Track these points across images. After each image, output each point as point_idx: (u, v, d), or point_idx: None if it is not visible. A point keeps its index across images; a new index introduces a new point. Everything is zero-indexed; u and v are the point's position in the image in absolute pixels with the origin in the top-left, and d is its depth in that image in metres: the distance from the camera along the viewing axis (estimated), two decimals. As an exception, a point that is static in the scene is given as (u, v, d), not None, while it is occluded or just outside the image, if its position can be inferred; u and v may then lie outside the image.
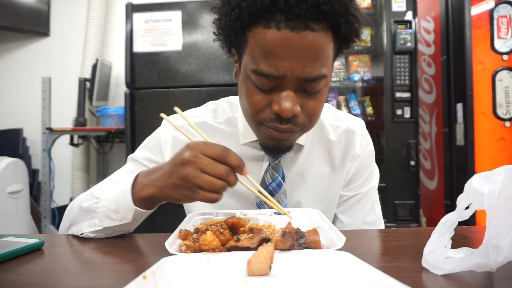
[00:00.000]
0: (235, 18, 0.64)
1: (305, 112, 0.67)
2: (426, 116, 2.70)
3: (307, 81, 0.63)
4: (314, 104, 0.67)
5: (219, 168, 0.54)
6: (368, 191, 0.87)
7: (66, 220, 0.75)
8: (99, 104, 2.87)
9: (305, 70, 0.62)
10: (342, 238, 0.52)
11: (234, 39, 0.69)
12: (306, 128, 0.71)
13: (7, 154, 2.18)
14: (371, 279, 0.40)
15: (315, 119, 0.70)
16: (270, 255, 0.45)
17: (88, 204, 0.70)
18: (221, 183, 0.55)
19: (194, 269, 0.45)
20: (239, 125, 0.83)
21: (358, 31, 0.67)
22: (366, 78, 2.60)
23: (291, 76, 0.62)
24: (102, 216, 0.67)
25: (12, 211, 2.03)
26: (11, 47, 3.31)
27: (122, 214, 0.65)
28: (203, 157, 0.55)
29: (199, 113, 0.87)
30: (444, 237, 0.47)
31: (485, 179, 0.45)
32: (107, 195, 0.68)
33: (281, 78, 0.63)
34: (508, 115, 2.17)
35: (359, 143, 0.85)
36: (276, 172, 0.79)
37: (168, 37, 2.46)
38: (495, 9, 2.19)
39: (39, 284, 0.46)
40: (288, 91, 0.64)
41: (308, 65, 0.62)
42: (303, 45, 0.60)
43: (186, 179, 0.55)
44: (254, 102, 0.67)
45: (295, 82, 0.63)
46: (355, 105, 2.61)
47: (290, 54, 0.61)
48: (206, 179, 0.54)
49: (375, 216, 0.87)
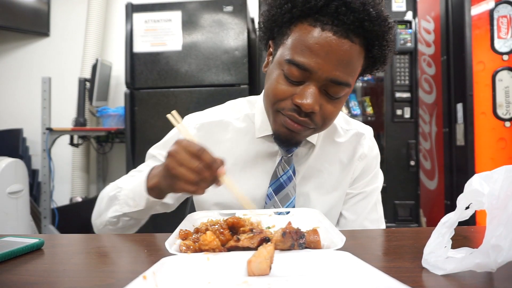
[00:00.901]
0: (286, 11, 0.70)
1: (321, 113, 0.72)
2: (426, 116, 2.70)
3: (333, 83, 0.69)
4: (331, 109, 0.73)
5: (193, 163, 0.60)
6: (372, 191, 0.91)
7: (97, 210, 0.85)
8: (99, 104, 2.87)
9: (335, 72, 0.68)
10: (342, 238, 0.52)
11: (277, 30, 0.75)
12: (318, 128, 0.76)
13: (7, 154, 2.17)
14: (371, 279, 0.40)
15: (328, 122, 0.76)
16: (270, 255, 0.45)
17: (113, 193, 0.81)
18: (195, 176, 0.61)
19: (194, 269, 0.45)
20: (256, 120, 0.87)
21: (386, 57, 0.74)
22: (366, 78, 2.60)
23: (321, 74, 0.68)
24: (122, 203, 0.77)
25: (12, 211, 2.03)
26: (11, 47, 3.31)
27: (137, 201, 0.75)
28: (183, 153, 0.61)
29: (218, 111, 0.92)
30: (444, 237, 0.47)
31: (485, 179, 0.45)
32: (128, 185, 0.79)
33: (310, 73, 0.68)
34: (508, 115, 2.17)
35: (367, 145, 0.90)
36: (288, 165, 0.83)
37: (168, 37, 2.46)
38: (495, 9, 2.19)
39: (39, 284, 0.46)
40: (313, 87, 0.70)
41: (338, 69, 0.68)
42: (340, 50, 0.67)
43: (167, 169, 0.63)
44: (279, 90, 0.72)
45: (322, 82, 0.69)
46: (355, 105, 2.61)
47: (326, 54, 0.67)
48: (181, 171, 0.61)
49: (377, 215, 0.91)
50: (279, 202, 0.82)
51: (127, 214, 0.77)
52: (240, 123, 0.88)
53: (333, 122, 0.78)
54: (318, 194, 0.87)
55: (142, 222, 0.83)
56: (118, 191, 0.80)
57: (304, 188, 0.86)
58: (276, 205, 0.81)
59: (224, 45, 2.45)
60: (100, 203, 0.84)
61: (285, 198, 0.82)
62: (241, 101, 0.94)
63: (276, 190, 0.82)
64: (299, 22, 0.70)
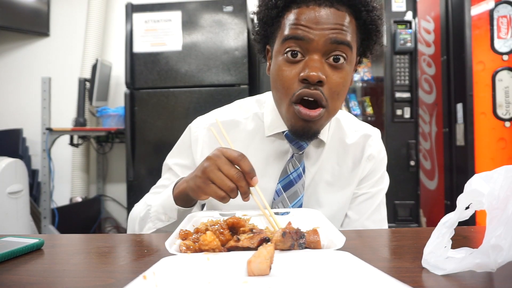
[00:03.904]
0: (272, 6, 0.74)
1: (329, 86, 0.72)
2: (426, 116, 2.70)
3: (333, 44, 0.70)
4: (337, 80, 0.72)
5: (232, 170, 0.61)
6: (377, 192, 0.91)
7: (130, 232, 0.88)
8: (99, 104, 2.87)
9: (331, 35, 0.69)
10: (342, 238, 0.52)
11: (269, 29, 0.78)
12: (329, 108, 0.74)
13: (7, 154, 2.17)
14: (372, 279, 0.40)
15: (337, 98, 0.74)
16: (270, 255, 0.45)
17: (143, 213, 0.82)
18: (231, 184, 0.61)
19: (194, 269, 0.45)
20: (266, 119, 0.87)
21: (377, 24, 0.75)
22: (366, 78, 2.61)
23: (318, 40, 0.69)
24: (154, 219, 0.78)
25: (12, 211, 2.03)
26: (11, 47, 3.31)
27: (169, 214, 0.76)
28: (223, 158, 0.62)
29: (227, 111, 0.92)
30: (444, 237, 0.47)
31: (485, 179, 0.45)
32: (156, 202, 0.79)
33: (309, 43, 0.70)
34: (508, 115, 2.17)
35: (375, 146, 0.90)
36: (299, 163, 0.83)
37: (168, 37, 2.46)
38: (495, 9, 2.19)
39: (39, 284, 0.46)
40: (316, 57, 0.70)
41: (333, 32, 0.70)
42: (329, 17, 0.70)
43: (204, 171, 0.63)
44: (284, 77, 0.73)
45: (322, 49, 0.70)
46: (355, 105, 2.61)
47: (317, 23, 0.69)
48: (218, 175, 0.62)
49: (380, 216, 0.91)
50: (287, 199, 0.81)
51: (160, 229, 0.78)
52: (249, 122, 0.88)
53: (342, 98, 0.76)
54: (328, 193, 0.87)
55: None
56: (148, 209, 0.80)
57: (314, 187, 0.86)
58: (284, 202, 0.81)
59: (224, 45, 2.45)
60: (133, 225, 0.86)
61: (294, 196, 0.82)
62: (249, 100, 0.93)
63: (285, 187, 0.82)
64: (286, 12, 0.73)
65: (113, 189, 3.19)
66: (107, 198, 3.17)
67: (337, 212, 0.87)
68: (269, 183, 0.84)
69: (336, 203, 0.87)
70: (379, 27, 0.76)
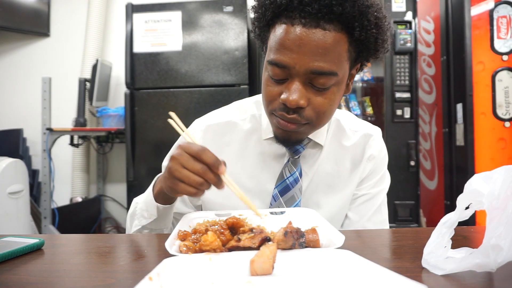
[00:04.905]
0: (261, 15, 0.73)
1: (312, 107, 0.71)
2: (426, 116, 2.70)
3: (315, 74, 0.67)
4: (322, 101, 0.71)
5: (196, 165, 0.61)
6: (377, 193, 0.89)
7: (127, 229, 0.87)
8: (99, 105, 2.87)
9: (313, 64, 0.66)
10: (341, 237, 0.52)
11: (262, 34, 0.77)
12: (313, 123, 0.73)
13: (7, 154, 2.17)
14: (375, 276, 0.40)
15: (323, 116, 0.73)
16: (273, 255, 0.45)
17: (132, 210, 0.83)
18: (198, 178, 0.61)
19: (197, 269, 0.45)
20: (263, 121, 0.86)
21: (377, 38, 0.71)
22: (366, 78, 2.61)
23: (299, 68, 0.67)
24: (139, 216, 0.79)
25: (12, 211, 2.03)
26: (11, 47, 3.31)
27: (150, 211, 0.76)
28: (185, 155, 0.61)
29: (224, 112, 0.91)
30: (444, 237, 0.47)
31: (485, 179, 0.45)
32: (141, 199, 0.81)
33: (290, 69, 0.68)
34: (508, 115, 2.17)
35: (376, 146, 0.89)
36: (295, 167, 0.82)
37: (168, 38, 2.46)
38: (495, 10, 2.19)
39: (39, 284, 0.46)
40: (296, 83, 0.69)
41: (316, 59, 0.66)
42: (312, 41, 0.65)
43: (170, 172, 0.63)
44: (268, 92, 0.73)
45: (303, 76, 0.68)
46: (355, 105, 2.61)
47: (300, 47, 0.66)
48: (184, 173, 0.61)
49: (381, 217, 0.90)
50: (284, 203, 0.81)
51: (145, 226, 0.78)
52: (246, 124, 0.87)
53: (329, 115, 0.74)
54: (327, 195, 0.86)
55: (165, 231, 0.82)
56: (135, 206, 0.81)
57: (312, 190, 0.85)
58: (281, 207, 0.80)
59: (224, 45, 2.45)
60: (127, 222, 0.87)
61: (291, 200, 0.81)
62: (247, 101, 0.92)
63: (282, 192, 0.81)
64: (274, 23, 0.71)
65: (113, 189, 3.19)
66: (107, 198, 3.18)
67: (336, 214, 0.86)
68: (266, 185, 0.84)
69: (335, 205, 0.86)
70: (378, 39, 0.72)
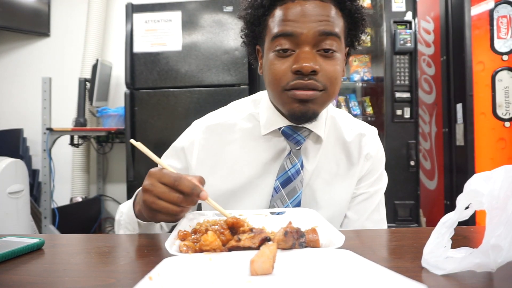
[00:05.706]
0: (257, 6, 0.76)
1: (324, 73, 0.73)
2: (426, 116, 2.70)
3: (322, 36, 0.72)
4: (331, 68, 0.74)
5: (172, 196, 0.59)
6: (375, 192, 0.90)
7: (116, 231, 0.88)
8: (99, 105, 2.87)
9: (318, 27, 0.71)
10: (342, 237, 0.52)
11: (257, 29, 0.80)
12: (328, 90, 0.75)
13: (8, 154, 2.17)
14: (376, 275, 0.40)
15: (335, 82, 0.75)
16: (273, 255, 0.45)
17: (117, 218, 0.83)
18: (176, 208, 0.60)
19: (197, 269, 0.45)
20: (261, 118, 0.87)
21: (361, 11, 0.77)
22: (366, 78, 2.60)
23: (308, 33, 0.71)
24: (124, 228, 0.79)
25: (12, 211, 2.03)
26: (11, 47, 3.31)
27: (133, 225, 0.75)
28: (159, 185, 0.59)
29: (222, 113, 0.92)
30: (444, 237, 0.47)
31: (485, 179, 0.45)
32: (125, 208, 0.80)
33: (297, 37, 0.72)
34: (508, 115, 2.17)
35: (372, 145, 0.90)
36: (296, 158, 0.82)
37: (168, 37, 2.46)
38: (495, 9, 2.19)
39: (39, 284, 0.46)
40: (306, 49, 0.72)
41: (321, 24, 0.72)
42: (314, 9, 0.72)
43: (146, 204, 0.61)
44: (276, 70, 0.74)
45: (312, 41, 0.72)
46: (355, 105, 2.61)
47: (304, 16, 0.71)
48: (162, 205, 0.59)
49: (379, 216, 0.90)
50: (285, 195, 0.81)
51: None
52: (245, 123, 0.88)
53: (339, 83, 0.77)
54: (326, 190, 0.86)
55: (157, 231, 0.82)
56: (120, 216, 0.81)
57: (312, 185, 0.86)
58: (283, 199, 0.81)
59: (224, 45, 2.45)
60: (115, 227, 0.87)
61: (292, 192, 0.81)
62: (244, 101, 0.93)
63: (283, 184, 0.81)
64: (272, 10, 0.75)
65: (113, 189, 3.20)
66: (107, 198, 3.18)
67: (336, 212, 0.86)
68: (267, 182, 0.84)
69: (335, 201, 0.86)
70: (364, 15, 0.78)
